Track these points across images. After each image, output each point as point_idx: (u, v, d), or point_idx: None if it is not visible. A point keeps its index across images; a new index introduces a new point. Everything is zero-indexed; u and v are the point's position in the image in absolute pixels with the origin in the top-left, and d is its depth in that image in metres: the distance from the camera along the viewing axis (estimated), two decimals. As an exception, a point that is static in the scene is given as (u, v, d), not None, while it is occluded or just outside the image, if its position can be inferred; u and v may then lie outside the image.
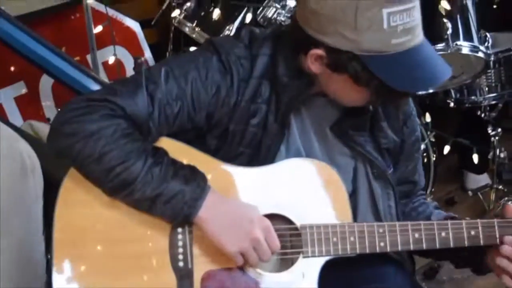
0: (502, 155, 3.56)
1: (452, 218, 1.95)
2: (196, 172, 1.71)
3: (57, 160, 1.77)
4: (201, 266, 1.73)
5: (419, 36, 1.67)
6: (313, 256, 1.77)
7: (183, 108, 1.75)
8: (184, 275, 1.72)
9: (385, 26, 1.60)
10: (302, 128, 1.87)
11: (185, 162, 1.73)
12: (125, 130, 1.68)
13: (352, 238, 1.77)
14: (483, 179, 3.84)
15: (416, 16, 1.65)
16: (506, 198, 3.35)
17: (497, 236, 1.82)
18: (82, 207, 1.73)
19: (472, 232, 1.82)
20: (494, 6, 3.26)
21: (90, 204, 1.72)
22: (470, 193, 3.72)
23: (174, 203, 1.67)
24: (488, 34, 3.00)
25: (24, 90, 3.16)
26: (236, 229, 1.70)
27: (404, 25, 1.62)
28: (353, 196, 1.87)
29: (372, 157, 1.90)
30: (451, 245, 1.81)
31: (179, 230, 1.74)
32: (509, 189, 3.43)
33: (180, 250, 1.73)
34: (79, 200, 1.73)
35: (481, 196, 3.64)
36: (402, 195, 2.02)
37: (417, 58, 1.66)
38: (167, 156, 1.72)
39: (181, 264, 1.73)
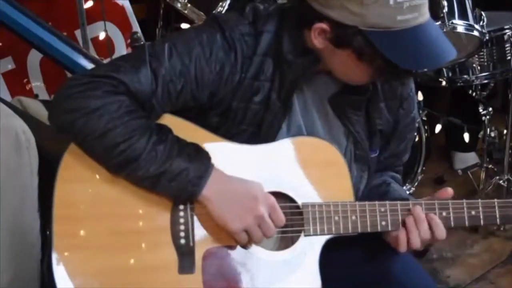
0: (492, 134, 3.58)
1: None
2: (200, 150, 1.71)
3: (51, 136, 1.77)
4: (202, 243, 1.73)
5: (425, 15, 1.67)
6: (315, 234, 1.77)
7: (187, 86, 1.74)
8: (185, 252, 1.72)
9: (391, 1, 1.60)
10: (304, 106, 1.87)
11: (188, 139, 1.72)
12: (129, 107, 1.67)
13: (353, 217, 1.78)
14: (472, 158, 3.87)
15: None
16: (497, 177, 3.38)
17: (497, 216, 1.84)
18: (82, 183, 1.72)
19: (473, 212, 1.83)
20: None
21: (91, 180, 1.72)
22: (460, 172, 3.73)
23: (179, 180, 1.67)
24: (483, 13, 3.00)
25: (11, 66, 3.14)
26: (240, 206, 1.70)
27: (410, 2, 1.61)
28: None
29: (360, 138, 1.90)
30: (452, 225, 1.82)
31: (181, 207, 1.73)
32: (499, 168, 3.44)
33: (182, 227, 1.73)
34: (79, 176, 1.72)
35: (470, 175, 3.66)
36: (381, 167, 2.03)
37: (422, 37, 1.66)
38: (171, 134, 1.71)
39: (182, 241, 1.72)
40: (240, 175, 1.76)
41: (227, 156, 1.77)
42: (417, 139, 3.13)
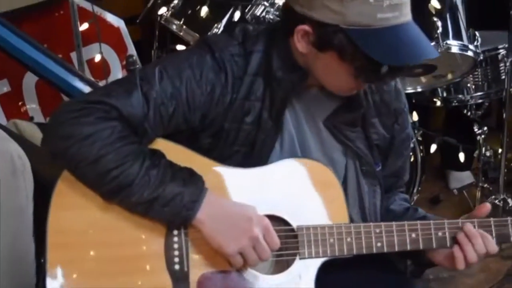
0: (487, 153, 3.58)
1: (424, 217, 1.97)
2: (194, 174, 1.71)
3: (45, 160, 1.77)
4: (197, 268, 1.73)
5: (406, 16, 1.67)
6: (310, 257, 1.77)
7: (178, 108, 1.75)
8: (179, 278, 1.72)
9: (371, 0, 1.61)
10: (297, 125, 1.87)
11: (182, 164, 1.72)
12: (121, 132, 1.67)
13: (348, 239, 1.78)
14: (467, 178, 3.87)
15: None
16: (493, 197, 3.38)
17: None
18: (75, 210, 1.72)
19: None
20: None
21: (84, 207, 1.71)
22: (455, 191, 3.74)
23: (172, 205, 1.66)
24: (477, 33, 3.01)
25: (6, 88, 3.15)
26: (234, 228, 1.70)
27: (390, 1, 1.62)
28: (344, 192, 1.87)
29: (362, 153, 1.90)
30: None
31: (175, 232, 1.73)
32: (494, 188, 3.44)
33: (176, 252, 1.72)
34: (72, 203, 1.72)
35: (466, 195, 3.67)
36: (384, 189, 2.01)
37: (402, 35, 1.67)
38: (164, 158, 1.71)
39: (177, 267, 1.72)
40: (234, 198, 1.77)
41: (221, 180, 1.78)
42: (412, 159, 3.11)
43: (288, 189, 1.81)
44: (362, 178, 1.91)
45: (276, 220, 1.77)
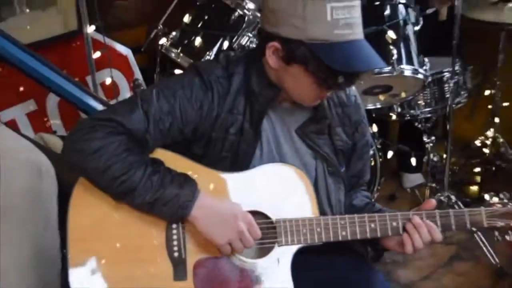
0: (435, 158, 3.62)
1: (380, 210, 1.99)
2: (188, 178, 1.73)
3: (66, 167, 1.77)
4: (193, 255, 1.76)
5: (359, 34, 1.69)
6: (287, 244, 1.79)
7: (174, 122, 1.77)
8: (178, 264, 1.74)
9: (328, 18, 1.63)
10: (274, 134, 1.89)
11: (178, 170, 1.75)
12: (126, 144, 1.70)
13: (318, 229, 1.80)
14: (418, 178, 3.89)
15: (356, 15, 1.67)
16: (439, 194, 3.40)
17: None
18: (90, 209, 1.74)
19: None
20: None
21: (97, 206, 1.74)
22: (408, 190, 3.77)
23: (171, 205, 1.69)
24: (426, 59, 3.03)
25: (33, 107, 3.14)
26: (223, 224, 1.73)
27: (345, 20, 1.64)
28: (315, 190, 1.88)
29: (329, 157, 1.93)
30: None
31: (174, 226, 1.76)
32: (440, 186, 3.46)
33: (175, 243, 1.75)
34: (87, 203, 1.74)
35: (417, 193, 3.70)
36: (348, 187, 2.04)
37: (355, 49, 1.68)
38: (163, 166, 1.74)
39: (176, 254, 1.75)
40: (223, 198, 1.79)
41: (212, 182, 1.80)
42: (373, 163, 3.13)
43: (268, 189, 1.83)
44: (329, 178, 1.93)
45: (258, 214, 1.80)
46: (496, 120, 3.63)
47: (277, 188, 1.84)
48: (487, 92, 3.68)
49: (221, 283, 1.77)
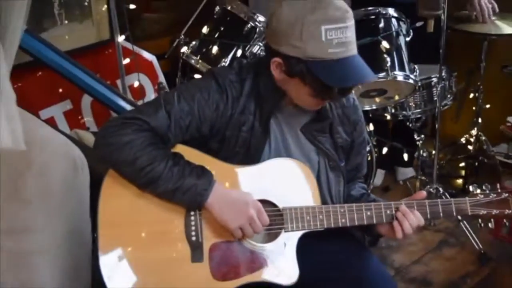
0: (424, 154, 3.59)
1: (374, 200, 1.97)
2: (205, 170, 1.73)
3: (97, 160, 1.78)
4: (208, 239, 1.75)
5: (352, 51, 1.68)
6: (292, 230, 1.79)
7: (192, 121, 1.76)
8: (196, 247, 1.74)
9: (323, 38, 1.63)
10: (281, 132, 1.88)
11: (196, 162, 1.74)
12: (151, 139, 1.69)
13: (321, 217, 1.79)
14: (410, 172, 3.86)
15: (349, 35, 1.66)
16: (428, 186, 3.36)
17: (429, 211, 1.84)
18: (118, 198, 1.74)
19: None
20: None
21: (125, 195, 1.73)
22: (401, 182, 3.74)
23: (189, 193, 1.69)
24: (416, 66, 3.01)
25: (69, 106, 3.13)
26: (235, 210, 1.72)
27: (338, 39, 1.63)
28: (317, 182, 1.88)
29: (330, 152, 1.92)
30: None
31: (192, 213, 1.75)
32: (429, 179, 3.43)
33: (193, 228, 1.74)
34: (116, 193, 1.74)
35: (409, 185, 3.66)
36: (347, 178, 2.03)
37: (348, 65, 1.67)
38: (183, 159, 1.73)
39: (194, 238, 1.74)
40: (236, 188, 1.78)
41: (226, 174, 1.79)
42: (369, 158, 3.09)
43: (276, 180, 1.82)
44: (330, 172, 1.92)
45: (267, 203, 1.79)
46: (479, 120, 3.58)
47: (284, 179, 1.83)
48: (471, 95, 3.64)
49: (233, 264, 1.75)
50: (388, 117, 3.44)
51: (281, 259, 1.78)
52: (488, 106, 3.63)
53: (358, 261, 1.92)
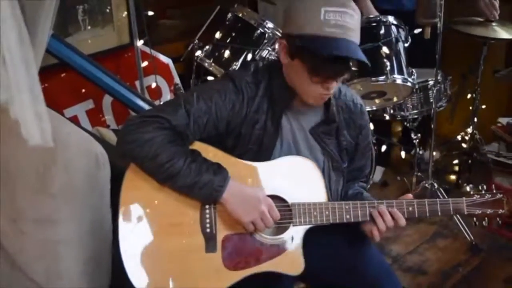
0: (421, 152, 3.56)
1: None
2: (221, 167, 1.71)
3: (117, 156, 1.77)
4: (222, 231, 1.74)
5: (349, 36, 1.66)
6: (300, 224, 1.78)
7: (210, 119, 1.75)
8: (210, 238, 1.72)
9: (321, 18, 1.63)
10: (291, 132, 1.86)
11: (212, 159, 1.72)
12: (171, 137, 1.68)
13: (327, 212, 1.78)
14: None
15: (348, 20, 1.64)
16: (424, 182, 3.35)
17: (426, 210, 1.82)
18: (138, 191, 1.73)
19: (410, 208, 1.82)
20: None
21: (144, 189, 1.72)
22: (398, 178, 3.71)
23: (206, 188, 1.67)
24: (413, 70, 2.99)
25: (91, 105, 3.12)
26: (248, 206, 1.70)
27: (336, 21, 1.63)
28: None
29: (334, 154, 1.90)
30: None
31: (207, 207, 1.73)
32: (425, 175, 3.40)
33: (207, 220, 1.73)
34: (136, 186, 1.72)
35: (406, 181, 3.63)
36: (350, 178, 2.00)
37: (341, 43, 1.65)
38: (201, 156, 1.71)
39: (208, 230, 1.72)
40: (250, 183, 1.77)
41: (240, 170, 1.78)
42: None
43: (286, 177, 1.81)
44: (332, 172, 1.91)
45: (277, 198, 1.77)
46: (475, 119, 3.56)
47: (294, 176, 1.81)
48: (468, 96, 3.60)
49: (244, 255, 1.75)
50: (387, 117, 3.42)
51: (289, 251, 1.77)
52: (484, 106, 3.60)
53: (358, 251, 1.92)
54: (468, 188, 1.91)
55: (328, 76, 1.72)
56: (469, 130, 3.60)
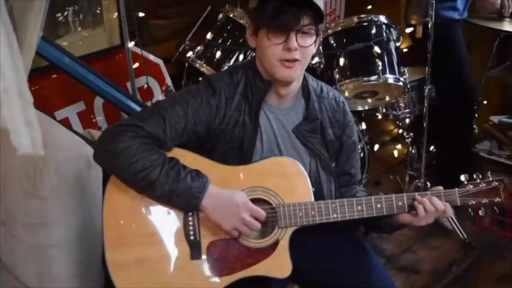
0: (413, 151, 3.59)
1: None
2: (199, 173, 1.72)
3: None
4: (206, 238, 1.75)
5: None
6: (286, 226, 1.78)
7: (187, 124, 1.76)
8: (194, 245, 1.74)
9: None
10: (272, 131, 1.88)
11: (192, 165, 1.73)
12: (147, 145, 1.69)
13: (313, 212, 1.78)
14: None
15: None
16: (417, 180, 3.38)
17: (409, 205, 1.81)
18: (121, 200, 1.74)
19: (400, 203, 1.81)
20: (405, 50, 3.26)
21: (127, 197, 1.74)
22: (391, 176, 3.74)
23: (184, 196, 1.68)
24: (405, 69, 3.01)
25: (83, 107, 3.14)
26: (227, 213, 1.71)
27: None
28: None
29: (321, 153, 1.91)
30: (384, 212, 1.81)
31: (189, 214, 1.75)
32: (418, 174, 3.44)
33: (191, 228, 1.74)
34: (119, 195, 1.74)
35: (398, 179, 3.66)
36: (342, 184, 2.00)
37: None
38: (179, 163, 1.72)
39: (192, 237, 1.74)
40: (232, 187, 1.76)
41: (221, 174, 1.78)
42: (362, 155, 3.10)
43: (270, 178, 1.80)
44: (321, 171, 1.91)
45: (261, 201, 1.78)
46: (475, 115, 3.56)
47: (277, 177, 1.81)
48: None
49: (230, 260, 1.76)
50: (380, 116, 3.45)
51: (275, 254, 1.77)
52: (485, 102, 3.61)
53: (350, 253, 1.92)
54: (462, 178, 1.88)
55: (281, 25, 1.70)
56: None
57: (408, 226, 1.88)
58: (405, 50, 3.17)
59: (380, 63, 2.87)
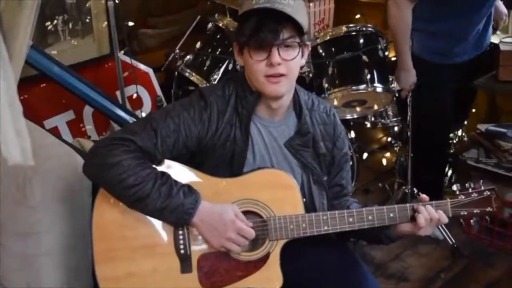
0: (401, 159, 3.59)
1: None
2: (191, 189, 1.70)
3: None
4: (196, 251, 1.74)
5: (276, 5, 1.66)
6: (276, 239, 1.77)
7: (179, 138, 1.74)
8: (185, 259, 1.73)
9: (253, 1, 1.69)
10: (263, 143, 1.86)
11: (183, 179, 1.72)
12: (139, 159, 1.67)
13: (304, 225, 1.76)
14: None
15: None
16: (404, 187, 3.37)
17: (409, 216, 1.79)
18: (111, 213, 1.73)
19: (391, 214, 1.80)
20: (393, 59, 3.27)
21: (117, 211, 1.72)
22: (380, 184, 3.73)
23: (176, 212, 1.67)
24: (393, 78, 3.00)
25: (72, 116, 3.13)
26: (215, 231, 1.70)
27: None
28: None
29: (313, 167, 1.89)
30: (376, 224, 1.79)
31: (180, 228, 1.73)
32: (405, 182, 3.40)
33: (181, 242, 1.73)
34: (109, 208, 1.73)
35: (387, 186, 3.66)
36: (333, 195, 1.98)
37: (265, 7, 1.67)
38: (171, 178, 1.70)
39: (182, 251, 1.72)
40: (222, 201, 1.74)
41: (213, 188, 1.77)
42: (351, 163, 3.09)
43: (261, 191, 1.78)
44: (313, 185, 1.89)
45: (252, 213, 1.77)
46: (465, 122, 3.61)
47: (268, 189, 1.79)
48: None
49: (220, 273, 1.74)
50: (369, 124, 3.46)
51: (266, 267, 1.76)
52: (473, 110, 3.62)
53: (339, 260, 1.91)
54: (454, 187, 1.86)
55: (260, 42, 1.68)
56: (459, 132, 3.65)
57: (406, 237, 1.87)
58: (393, 59, 3.16)
59: (368, 72, 2.89)
